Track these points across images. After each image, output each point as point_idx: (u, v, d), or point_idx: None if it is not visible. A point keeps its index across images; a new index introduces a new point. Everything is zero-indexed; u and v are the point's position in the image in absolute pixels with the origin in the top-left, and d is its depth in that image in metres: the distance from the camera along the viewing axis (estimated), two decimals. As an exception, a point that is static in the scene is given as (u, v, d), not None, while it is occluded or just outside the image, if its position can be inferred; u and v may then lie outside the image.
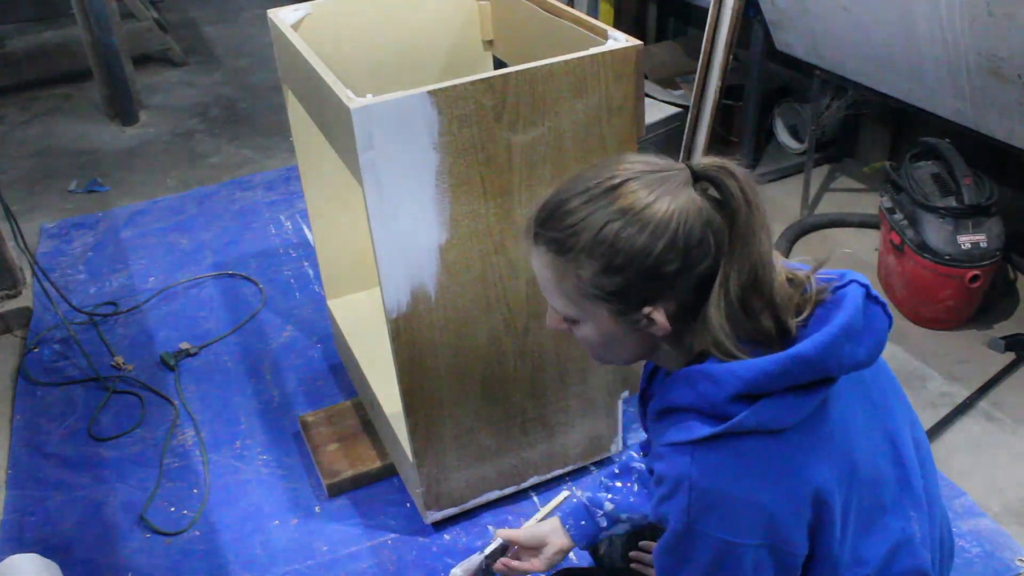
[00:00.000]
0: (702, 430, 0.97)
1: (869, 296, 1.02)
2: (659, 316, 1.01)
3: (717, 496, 0.97)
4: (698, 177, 0.99)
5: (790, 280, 1.03)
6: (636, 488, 1.43)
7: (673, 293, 0.99)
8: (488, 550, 1.52)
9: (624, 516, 1.43)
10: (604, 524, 1.44)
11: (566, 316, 1.08)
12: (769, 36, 2.99)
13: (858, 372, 1.03)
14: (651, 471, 1.06)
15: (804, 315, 1.01)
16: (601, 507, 1.43)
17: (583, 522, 1.45)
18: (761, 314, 0.99)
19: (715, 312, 0.98)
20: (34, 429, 2.41)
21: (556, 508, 1.49)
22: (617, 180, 0.98)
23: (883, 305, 1.03)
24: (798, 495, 0.97)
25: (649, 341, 1.06)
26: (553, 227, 1.01)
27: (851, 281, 1.03)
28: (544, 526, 1.48)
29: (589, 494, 1.46)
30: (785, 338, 1.00)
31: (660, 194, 0.96)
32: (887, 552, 1.05)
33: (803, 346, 0.95)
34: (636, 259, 0.97)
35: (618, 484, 1.45)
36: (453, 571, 1.52)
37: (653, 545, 1.57)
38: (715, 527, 0.98)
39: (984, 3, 2.06)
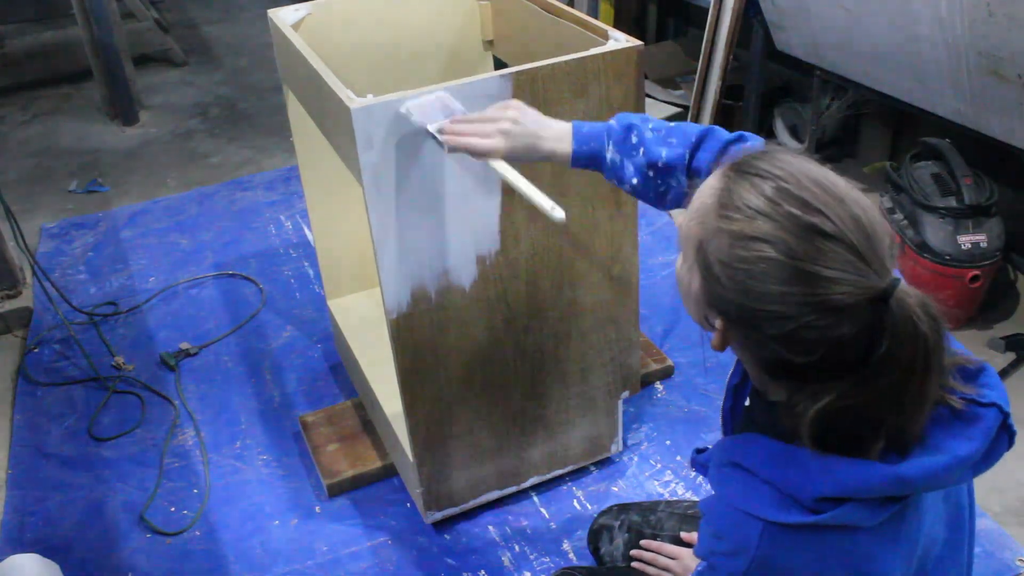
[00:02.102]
0: (780, 514, 0.92)
1: (1004, 426, 0.92)
2: (717, 335, 0.95)
3: (779, 570, 0.94)
4: (885, 297, 0.84)
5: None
6: (674, 141, 1.26)
7: (743, 337, 0.93)
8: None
9: (646, 161, 1.27)
10: (618, 159, 1.28)
11: (681, 245, 0.98)
12: (769, 36, 2.99)
13: None
14: (703, 512, 1.02)
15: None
16: (621, 179, 1.29)
17: (590, 134, 1.31)
18: (872, 440, 0.90)
19: (801, 416, 0.89)
20: (34, 429, 2.41)
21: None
22: (818, 223, 0.84)
23: (1012, 435, 0.92)
24: None
25: (707, 331, 0.99)
26: (737, 183, 0.89)
27: (993, 404, 0.92)
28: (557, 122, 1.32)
29: (612, 156, 1.30)
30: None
31: (832, 278, 0.83)
32: None
33: (907, 467, 0.88)
34: (750, 291, 0.87)
35: (664, 133, 1.29)
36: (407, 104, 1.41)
37: (653, 544, 1.58)
38: None
39: (984, 3, 2.06)
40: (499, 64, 2.05)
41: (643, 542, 1.60)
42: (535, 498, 2.07)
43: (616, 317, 1.91)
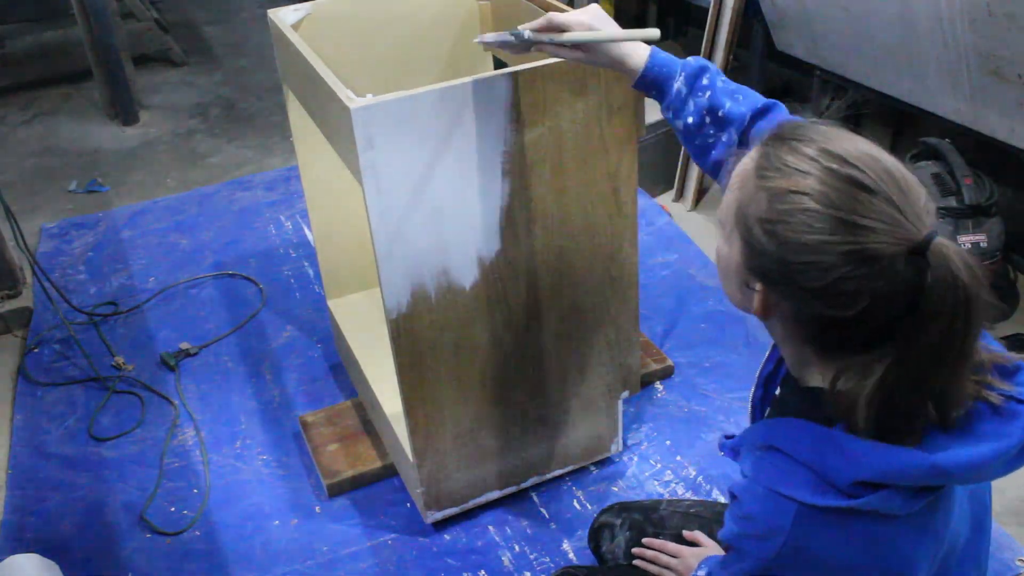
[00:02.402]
0: (815, 497, 0.92)
1: None
2: (759, 299, 0.96)
3: (808, 558, 0.94)
4: (923, 249, 0.85)
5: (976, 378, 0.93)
6: (740, 98, 1.25)
7: (784, 296, 0.94)
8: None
9: (712, 108, 1.26)
10: (684, 92, 1.27)
11: (721, 218, 1.00)
12: (769, 36, 2.99)
13: None
14: (734, 495, 1.02)
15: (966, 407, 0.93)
16: (707, 72, 1.27)
17: (664, 61, 1.29)
18: (924, 409, 0.90)
19: (851, 389, 0.90)
20: (34, 429, 2.41)
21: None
22: (854, 174, 0.87)
23: None
24: (893, 573, 0.94)
25: (752, 302, 0.98)
26: (775, 145, 0.93)
27: None
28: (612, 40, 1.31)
29: (682, 92, 1.29)
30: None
31: (869, 226, 0.86)
32: None
33: (948, 458, 0.89)
34: (789, 244, 0.89)
35: (726, 93, 1.28)
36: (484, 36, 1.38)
37: (656, 542, 1.58)
38: None
39: (984, 3, 2.06)
40: (499, 64, 2.06)
41: (645, 540, 1.60)
42: (535, 498, 2.07)
43: (616, 317, 1.91)
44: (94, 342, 2.69)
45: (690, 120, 1.28)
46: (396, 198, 1.54)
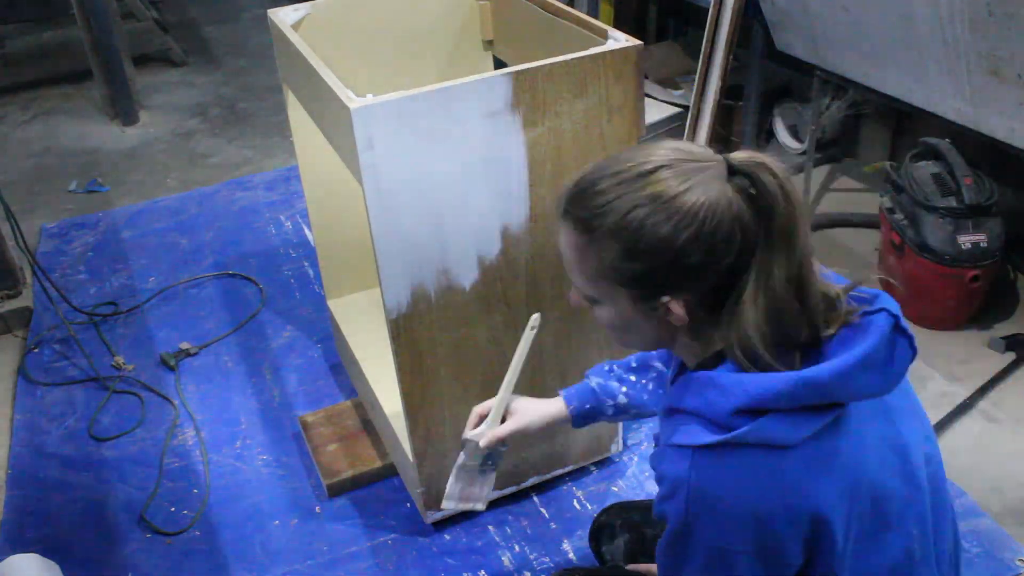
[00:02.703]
0: (704, 436, 0.97)
1: (898, 327, 0.99)
2: (677, 307, 1.00)
3: (713, 502, 0.97)
4: (735, 171, 0.97)
5: (823, 292, 1.01)
6: (651, 387, 1.40)
7: (693, 285, 0.99)
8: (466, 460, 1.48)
9: (633, 410, 1.41)
10: (610, 413, 1.42)
11: (586, 295, 1.07)
12: (769, 36, 2.99)
13: None
14: (654, 467, 1.07)
15: (830, 331, 1.00)
16: (613, 397, 1.42)
17: (588, 406, 1.44)
18: (798, 317, 0.97)
19: (751, 309, 0.96)
20: (34, 429, 2.41)
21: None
22: (650, 166, 0.97)
23: (911, 338, 1.00)
24: (795, 511, 0.96)
25: (667, 330, 1.05)
26: (581, 206, 1.01)
27: (882, 309, 1.00)
28: (539, 402, 1.47)
29: (599, 380, 1.44)
30: (813, 347, 0.99)
31: (692, 184, 0.95)
32: (887, 570, 1.04)
33: (817, 370, 0.94)
34: (659, 247, 0.96)
35: (632, 378, 1.43)
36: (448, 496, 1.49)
37: (642, 567, 1.57)
38: (709, 532, 0.98)
39: (984, 3, 2.06)
40: (499, 64, 2.06)
41: (630, 567, 1.59)
42: (535, 498, 2.07)
43: (616, 317, 1.91)
44: (94, 342, 2.69)
45: (624, 389, 1.45)
46: (396, 198, 1.54)
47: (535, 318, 1.37)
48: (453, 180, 1.58)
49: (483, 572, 1.92)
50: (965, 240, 2.38)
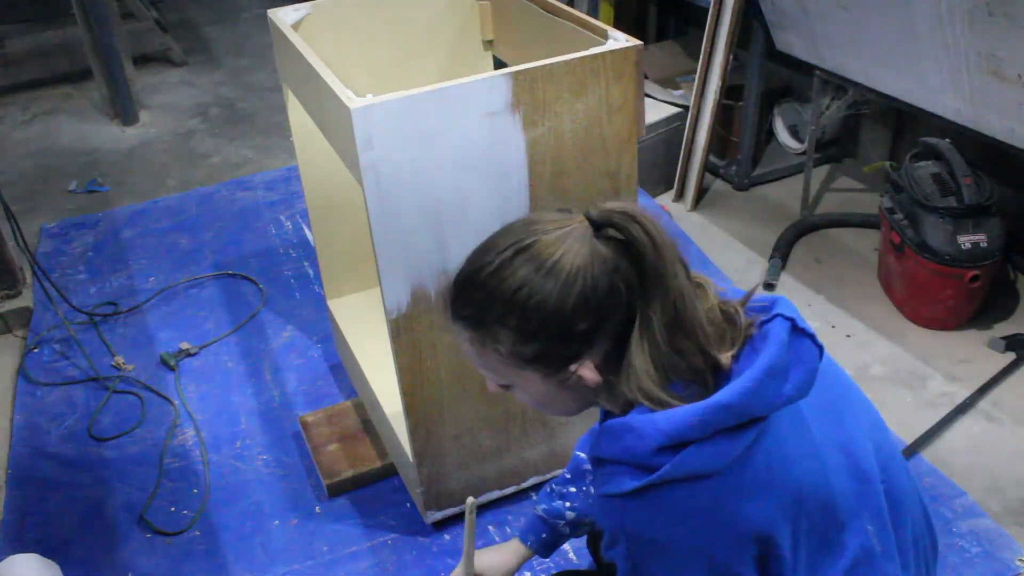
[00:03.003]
0: (629, 483, 0.95)
1: (796, 328, 0.99)
2: (587, 372, 1.00)
3: (654, 544, 0.97)
4: (599, 225, 0.97)
5: (722, 311, 1.01)
6: (592, 490, 1.40)
7: (593, 348, 0.99)
8: None
9: (588, 520, 1.42)
10: (567, 532, 1.44)
11: (500, 384, 1.08)
12: (769, 36, 2.99)
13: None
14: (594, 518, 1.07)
15: (735, 350, 0.99)
16: (562, 517, 1.42)
17: (544, 535, 1.44)
18: (691, 352, 0.97)
19: (639, 358, 0.96)
20: (34, 429, 2.41)
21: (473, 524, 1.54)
22: (526, 242, 0.98)
23: (812, 336, 1.00)
24: (736, 535, 0.95)
25: (584, 394, 1.05)
26: (466, 303, 1.02)
27: (776, 315, 1.00)
28: (501, 553, 1.47)
29: (544, 506, 1.45)
30: (719, 373, 0.98)
31: (562, 252, 0.96)
32: (846, 571, 1.03)
33: (724, 393, 0.93)
34: (549, 322, 0.97)
35: (572, 490, 1.43)
36: None
37: None
38: (659, 571, 0.98)
39: (984, 3, 2.06)
40: (499, 64, 2.06)
41: None
42: (535, 498, 2.07)
43: (616, 317, 1.91)
44: (94, 342, 2.69)
45: (584, 518, 1.43)
46: (396, 198, 1.54)
47: (471, 502, 1.37)
48: (453, 180, 1.58)
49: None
50: (965, 240, 2.38)
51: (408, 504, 2.08)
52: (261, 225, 3.27)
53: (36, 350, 2.69)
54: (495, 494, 2.02)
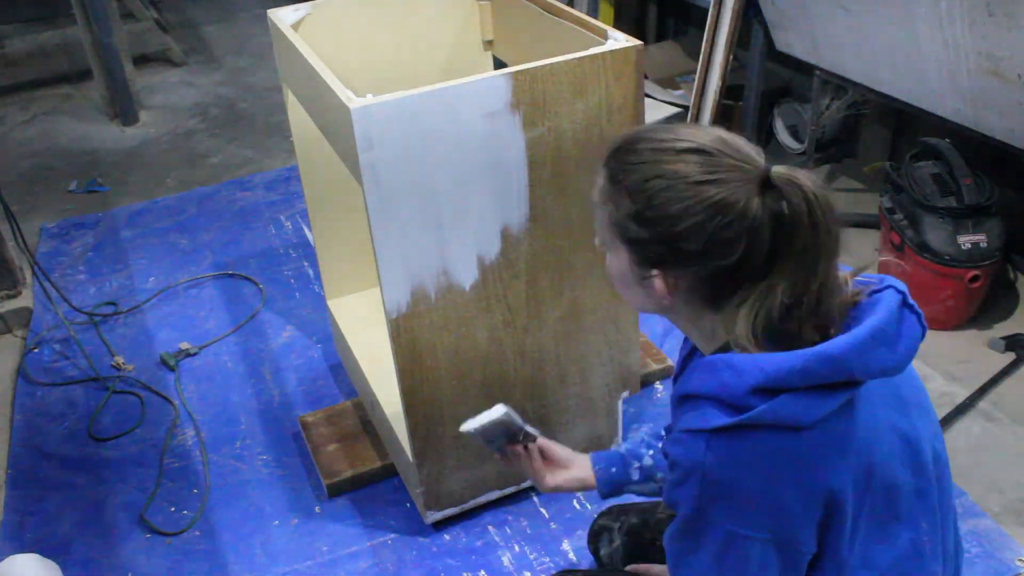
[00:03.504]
0: (719, 419, 0.96)
1: (906, 303, 1.01)
2: (660, 283, 1.02)
3: (728, 486, 0.96)
4: (770, 184, 0.96)
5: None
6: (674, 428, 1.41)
7: (684, 271, 1.00)
8: (498, 416, 1.40)
9: (659, 475, 1.42)
10: (636, 477, 1.43)
11: (601, 239, 1.10)
12: (769, 36, 2.99)
13: (889, 378, 1.01)
14: (667, 455, 1.06)
15: (840, 321, 1.00)
16: (639, 459, 1.42)
17: (614, 469, 1.43)
18: (803, 328, 0.98)
19: (743, 319, 0.97)
20: (34, 429, 2.41)
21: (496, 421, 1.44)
22: (688, 145, 0.98)
23: (919, 314, 1.01)
24: (810, 494, 0.96)
25: (656, 300, 1.06)
26: (617, 158, 1.03)
27: (888, 286, 1.02)
28: (575, 455, 1.46)
29: (628, 445, 1.45)
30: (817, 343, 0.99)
31: (719, 179, 0.96)
32: (895, 560, 1.04)
33: (830, 345, 0.94)
34: (663, 221, 0.98)
35: (659, 445, 1.44)
36: (465, 424, 1.42)
37: (642, 567, 1.57)
38: (724, 517, 0.97)
39: (984, 3, 2.06)
40: (499, 64, 2.06)
41: (630, 568, 1.59)
42: (535, 498, 2.07)
43: (616, 317, 1.91)
44: (94, 342, 2.69)
45: (657, 488, 1.45)
46: (396, 198, 1.54)
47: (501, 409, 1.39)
48: (453, 180, 1.58)
49: (483, 572, 1.92)
50: (965, 240, 2.39)
51: (408, 504, 2.08)
52: (261, 225, 3.27)
53: (36, 350, 2.69)
54: (495, 494, 2.02)
